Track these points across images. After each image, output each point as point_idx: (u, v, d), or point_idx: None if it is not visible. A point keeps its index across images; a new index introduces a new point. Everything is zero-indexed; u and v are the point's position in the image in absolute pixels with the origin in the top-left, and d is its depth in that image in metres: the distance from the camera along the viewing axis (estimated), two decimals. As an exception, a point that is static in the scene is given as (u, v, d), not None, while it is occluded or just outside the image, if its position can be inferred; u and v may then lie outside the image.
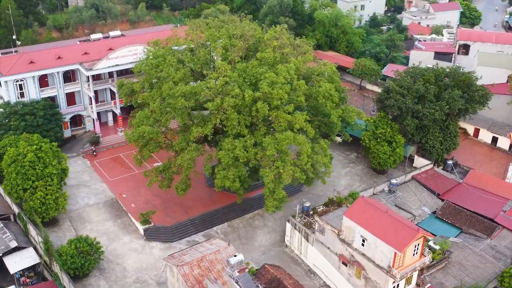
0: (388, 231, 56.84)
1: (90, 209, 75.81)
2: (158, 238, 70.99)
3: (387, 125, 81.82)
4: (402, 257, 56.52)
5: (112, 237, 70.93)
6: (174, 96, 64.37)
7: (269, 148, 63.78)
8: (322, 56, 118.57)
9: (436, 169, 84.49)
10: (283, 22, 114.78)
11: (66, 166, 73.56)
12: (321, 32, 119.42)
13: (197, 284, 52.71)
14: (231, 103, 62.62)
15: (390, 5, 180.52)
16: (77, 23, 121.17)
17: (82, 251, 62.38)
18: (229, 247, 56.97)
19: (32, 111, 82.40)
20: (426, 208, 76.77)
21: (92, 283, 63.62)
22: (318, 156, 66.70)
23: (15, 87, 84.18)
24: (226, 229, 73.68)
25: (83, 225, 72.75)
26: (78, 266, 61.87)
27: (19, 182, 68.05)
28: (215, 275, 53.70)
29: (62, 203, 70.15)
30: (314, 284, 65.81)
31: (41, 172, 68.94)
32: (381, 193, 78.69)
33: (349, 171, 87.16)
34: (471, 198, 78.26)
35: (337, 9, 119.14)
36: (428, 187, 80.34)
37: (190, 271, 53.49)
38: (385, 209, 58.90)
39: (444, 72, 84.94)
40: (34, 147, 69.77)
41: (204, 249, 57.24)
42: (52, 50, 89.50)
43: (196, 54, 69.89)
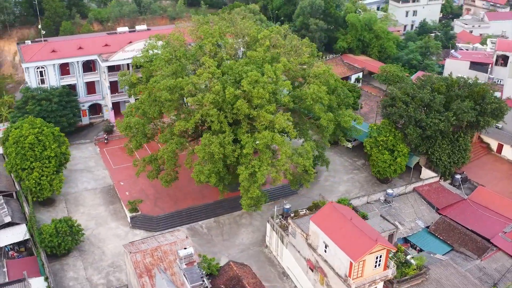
0: (348, 239, 55.35)
1: (87, 193, 79.12)
2: (143, 226, 72.94)
3: (390, 133, 79.26)
4: (360, 267, 54.81)
5: (100, 222, 73.67)
6: (158, 89, 65.91)
7: (247, 147, 63.94)
8: (351, 60, 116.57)
9: (442, 183, 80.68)
10: (313, 23, 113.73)
11: (67, 151, 77.24)
12: (353, 35, 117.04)
13: (146, 272, 53.82)
14: (210, 99, 63.28)
15: (446, 12, 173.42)
16: (118, 17, 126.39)
17: (60, 232, 65.31)
18: (187, 240, 57.67)
19: (48, 97, 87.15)
20: (420, 222, 73.64)
21: (69, 262, 66.47)
22: (300, 158, 65.86)
23: (36, 73, 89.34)
24: (211, 224, 74.39)
25: (77, 208, 76.08)
26: (55, 245, 64.89)
27: (18, 162, 72.32)
28: (165, 265, 54.57)
29: (57, 185, 73.71)
30: (285, 287, 65.08)
31: (39, 154, 72.89)
32: (376, 202, 76.31)
33: (351, 178, 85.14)
34: (472, 215, 74.25)
35: (371, 13, 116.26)
36: (428, 200, 77.02)
37: (142, 259, 54.69)
38: (350, 216, 57.27)
39: (457, 82, 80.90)
40: (36, 130, 73.90)
41: (163, 239, 58.26)
42: (74, 41, 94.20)
43: (188, 50, 71.08)
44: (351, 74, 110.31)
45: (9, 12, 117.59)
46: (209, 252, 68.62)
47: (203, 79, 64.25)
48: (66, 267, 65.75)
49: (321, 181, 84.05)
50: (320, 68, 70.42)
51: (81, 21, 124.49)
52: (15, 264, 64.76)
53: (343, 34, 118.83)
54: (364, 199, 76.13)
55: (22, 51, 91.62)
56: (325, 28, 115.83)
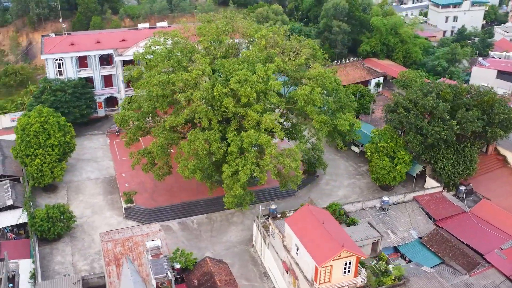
0: (316, 243, 54.74)
1: (89, 182, 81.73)
2: (135, 218, 74.60)
3: (392, 139, 77.40)
4: (327, 272, 54.03)
5: (96, 210, 75.94)
6: (151, 84, 67.29)
7: (232, 145, 64.28)
8: (374, 64, 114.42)
9: (444, 194, 77.96)
10: (336, 26, 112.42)
11: (72, 140, 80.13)
12: (378, 39, 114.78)
13: (115, 260, 55.14)
14: (198, 95, 64.01)
15: (490, 19, 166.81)
16: (148, 14, 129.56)
17: (51, 217, 67.84)
18: (159, 233, 58.65)
19: (63, 88, 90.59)
20: (414, 232, 71.55)
21: (59, 247, 68.95)
22: (287, 159, 65.45)
23: (54, 65, 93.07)
24: (202, 220, 75.14)
25: (77, 196, 78.76)
26: (45, 229, 67.47)
27: (22, 148, 75.68)
28: (134, 256, 55.71)
29: (58, 173, 76.57)
30: (264, 287, 64.89)
31: (43, 142, 75.99)
32: (371, 209, 74.75)
33: (352, 183, 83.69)
34: (470, 229, 71.48)
35: (396, 17, 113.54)
36: (426, 210, 74.70)
37: (113, 247, 56.07)
38: (322, 220, 56.48)
39: (466, 89, 77.95)
40: (42, 118, 77.05)
41: (138, 230, 59.48)
42: (93, 35, 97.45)
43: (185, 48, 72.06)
44: (371, 78, 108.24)
45: (44, 6, 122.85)
46: (195, 247, 69.63)
47: (193, 76, 65.00)
48: (55, 252, 68.24)
49: (321, 184, 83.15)
50: (316, 70, 69.63)
51: (113, 17, 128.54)
52: (8, 245, 67.81)
53: (368, 37, 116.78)
54: (359, 205, 74.70)
55: (44, 43, 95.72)
56: (349, 30, 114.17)
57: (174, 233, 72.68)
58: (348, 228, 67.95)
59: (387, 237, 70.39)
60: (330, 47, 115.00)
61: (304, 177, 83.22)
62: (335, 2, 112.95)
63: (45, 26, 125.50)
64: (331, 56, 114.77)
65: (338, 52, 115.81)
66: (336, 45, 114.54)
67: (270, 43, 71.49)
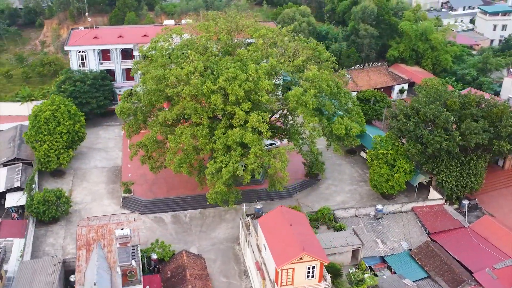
0: (279, 245, 54.45)
1: (95, 171, 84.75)
2: (131, 207, 76.55)
3: (393, 147, 75.34)
4: (288, 274, 53.56)
5: (96, 198, 78.64)
6: (147, 78, 69.04)
7: (218, 142, 64.91)
8: (401, 70, 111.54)
9: (446, 207, 75.02)
10: (362, 29, 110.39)
11: (82, 129, 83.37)
12: (406, 45, 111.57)
13: (86, 245, 57.19)
14: (187, 91, 65.07)
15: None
16: (184, 11, 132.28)
17: (47, 200, 70.95)
18: (134, 222, 60.17)
19: (83, 79, 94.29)
20: (405, 243, 69.43)
21: (54, 230, 71.98)
22: (273, 160, 65.28)
23: (78, 56, 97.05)
24: (195, 215, 76.10)
25: (81, 182, 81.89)
26: (40, 211, 70.64)
27: (33, 134, 79.61)
28: (106, 243, 57.51)
29: (64, 159, 79.92)
30: (241, 285, 64.96)
31: (53, 129, 79.59)
32: (364, 217, 73.25)
33: (353, 189, 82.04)
34: (464, 245, 68.68)
35: (427, 23, 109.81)
36: (422, 222, 72.22)
37: (87, 233, 58.18)
38: (290, 222, 55.99)
39: (475, 100, 74.58)
40: (54, 107, 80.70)
41: (115, 218, 61.32)
42: (117, 30, 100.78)
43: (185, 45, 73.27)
44: (395, 84, 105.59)
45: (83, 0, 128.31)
46: (182, 241, 70.80)
47: (185, 72, 66.10)
48: (49, 234, 71.34)
49: (321, 188, 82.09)
50: (311, 72, 68.90)
51: (149, 13, 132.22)
52: (7, 224, 71.46)
53: (398, 42, 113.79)
54: (352, 212, 73.38)
55: (72, 35, 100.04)
56: (377, 35, 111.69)
57: (165, 225, 74.09)
58: (330, 234, 67.12)
59: (375, 246, 68.78)
60: (357, 50, 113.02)
61: (306, 179, 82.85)
62: (364, 5, 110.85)
63: (84, 20, 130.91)
64: (356, 60, 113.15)
65: (365, 56, 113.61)
66: (362, 49, 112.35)
67: (268, 43, 71.37)
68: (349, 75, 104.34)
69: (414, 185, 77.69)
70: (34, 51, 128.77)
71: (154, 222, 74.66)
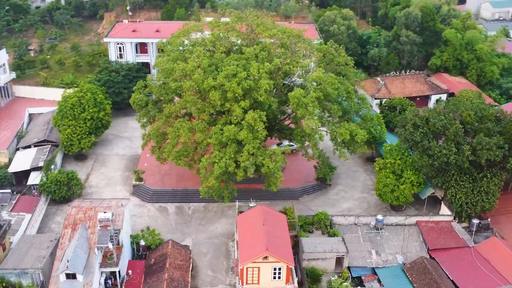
0: (247, 243, 54.71)
1: (115, 157, 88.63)
2: (139, 195, 79.53)
3: (402, 157, 72.86)
4: (254, 273, 53.73)
5: (110, 183, 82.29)
6: (157, 72, 71.48)
7: (213, 138, 66.03)
8: (442, 79, 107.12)
9: (453, 224, 71.54)
10: (404, 35, 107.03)
11: (106, 117, 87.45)
12: (450, 53, 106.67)
13: (73, 225, 60.19)
14: (188, 86, 66.67)
15: None
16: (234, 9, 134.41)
17: (59, 181, 75.25)
18: (121, 208, 62.40)
19: (118, 70, 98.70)
20: (400, 257, 67.01)
21: (63, 209, 75.82)
22: (267, 159, 65.37)
23: (116, 48, 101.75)
24: (198, 208, 77.61)
25: (100, 167, 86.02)
26: (51, 190, 75.11)
27: (59, 118, 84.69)
28: (91, 224, 60.22)
29: (85, 144, 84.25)
30: (226, 280, 65.63)
31: (78, 115, 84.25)
32: (364, 226, 71.50)
33: (363, 197, 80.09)
34: (463, 265, 65.30)
35: (474, 32, 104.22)
36: (424, 238, 69.37)
37: (75, 213, 61.24)
38: (263, 221, 55.96)
39: (493, 114, 70.37)
40: (81, 94, 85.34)
41: (106, 202, 64.03)
42: (156, 24, 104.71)
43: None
44: (432, 94, 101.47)
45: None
46: (179, 231, 72.69)
47: (189, 67, 67.70)
48: (58, 212, 75.61)
49: (330, 194, 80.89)
50: (315, 74, 68.20)
51: (200, 10, 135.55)
52: (22, 200, 76.54)
53: (442, 51, 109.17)
54: (351, 219, 71.86)
55: (114, 28, 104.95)
56: (419, 41, 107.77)
57: (168, 215, 76.22)
58: (317, 239, 66.36)
59: (368, 256, 66.92)
60: (398, 57, 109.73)
61: (316, 183, 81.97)
62: (407, 10, 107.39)
63: (139, 14, 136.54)
64: (396, 67, 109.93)
65: (406, 64, 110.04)
66: (403, 55, 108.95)
67: (276, 44, 71.43)
68: (382, 81, 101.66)
69: (422, 198, 74.65)
70: (90, 42, 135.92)
71: (158, 211, 77.01)
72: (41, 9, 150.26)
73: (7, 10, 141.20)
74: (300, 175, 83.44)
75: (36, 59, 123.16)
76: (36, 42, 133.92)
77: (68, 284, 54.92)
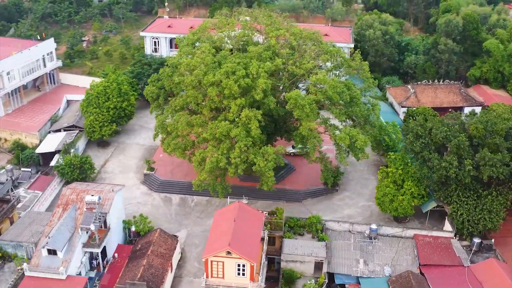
0: (214, 237, 55.53)
1: (135, 146, 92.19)
2: (147, 184, 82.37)
3: (405, 166, 70.64)
4: (219, 267, 54.51)
5: (124, 170, 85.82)
6: (167, 65, 73.92)
7: (208, 133, 67.41)
8: (480, 91, 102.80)
9: (453, 241, 68.45)
10: (442, 43, 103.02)
11: (130, 108, 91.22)
12: (491, 65, 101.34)
13: (65, 205, 63.65)
14: (188, 80, 68.46)
15: None
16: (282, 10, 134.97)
17: (72, 164, 79.53)
18: (111, 193, 65.13)
19: (150, 63, 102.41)
20: (388, 269, 65.08)
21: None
22: (258, 158, 65.78)
23: (151, 42, 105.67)
24: (200, 201, 79.17)
25: (119, 154, 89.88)
26: (65, 172, 79.51)
27: (84, 105, 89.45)
28: (80, 206, 63.38)
29: (105, 131, 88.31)
30: (208, 274, 66.76)
31: (102, 103, 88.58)
32: (358, 234, 70.13)
33: (367, 206, 78.23)
34: (452, 284, 62.46)
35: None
36: (418, 252, 66.97)
37: (69, 194, 64.71)
38: (234, 218, 56.50)
39: (504, 129, 66.49)
40: (107, 84, 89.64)
41: (101, 187, 67.09)
42: (191, 21, 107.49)
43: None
44: (465, 106, 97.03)
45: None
46: (176, 222, 74.74)
47: (193, 63, 69.45)
48: (70, 193, 79.90)
49: (335, 199, 79.73)
50: (317, 76, 67.68)
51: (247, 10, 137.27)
52: (41, 179, 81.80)
53: (483, 62, 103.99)
54: (346, 226, 70.69)
55: (153, 23, 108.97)
56: (458, 51, 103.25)
57: (170, 205, 78.44)
58: (300, 241, 66.19)
59: (354, 265, 65.61)
60: (435, 65, 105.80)
61: (322, 187, 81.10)
62: (448, 17, 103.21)
63: (189, 11, 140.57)
64: (433, 75, 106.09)
65: (444, 73, 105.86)
66: (441, 64, 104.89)
67: (281, 43, 71.57)
68: (412, 89, 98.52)
69: (423, 211, 71.95)
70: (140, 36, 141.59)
71: (163, 201, 79.43)
72: (103, 2, 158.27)
73: (71, 2, 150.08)
74: (308, 178, 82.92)
75: (87, 49, 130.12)
76: (92, 34, 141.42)
77: (49, 259, 58.37)
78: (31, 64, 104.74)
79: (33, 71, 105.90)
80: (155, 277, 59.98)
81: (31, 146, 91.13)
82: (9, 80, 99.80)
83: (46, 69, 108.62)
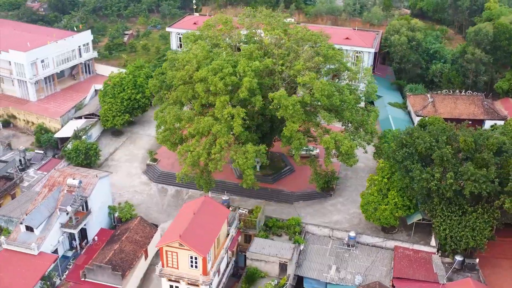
0: (171, 228, 56.98)
1: (146, 138, 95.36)
2: (148, 174, 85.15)
3: (391, 175, 68.75)
4: (173, 257, 55.90)
5: (130, 159, 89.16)
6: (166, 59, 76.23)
7: (193, 127, 69.00)
8: (508, 105, 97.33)
9: (434, 257, 65.97)
10: (470, 52, 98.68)
11: (144, 100, 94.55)
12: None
13: (51, 185, 67.33)
14: (179, 75, 70.31)
15: None
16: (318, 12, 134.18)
17: (78, 149, 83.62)
18: (96, 179, 68.09)
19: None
20: (359, 278, 64.06)
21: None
22: (239, 155, 66.48)
23: (176, 38, 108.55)
24: (194, 195, 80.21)
25: (129, 144, 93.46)
26: (71, 157, 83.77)
27: (101, 95, 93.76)
28: (64, 188, 66.76)
29: (118, 121, 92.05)
30: (185, 265, 68.29)
31: (117, 94, 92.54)
32: (337, 240, 69.40)
33: (357, 213, 76.22)
34: (421, 300, 60.29)
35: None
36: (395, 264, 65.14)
37: (57, 177, 68.36)
38: (194, 211, 57.59)
39: (497, 144, 63.02)
40: (124, 75, 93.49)
41: (87, 172, 70.26)
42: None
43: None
44: (486, 119, 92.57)
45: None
46: (165, 213, 76.94)
47: (187, 58, 71.18)
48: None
49: (326, 204, 78.55)
50: (304, 78, 67.32)
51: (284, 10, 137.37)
52: (52, 162, 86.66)
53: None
54: (326, 231, 70.07)
55: (182, 19, 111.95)
56: (487, 61, 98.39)
57: (164, 196, 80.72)
58: (269, 242, 66.51)
59: (325, 270, 64.95)
60: (462, 75, 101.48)
61: (316, 191, 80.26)
62: (478, 26, 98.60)
63: (228, 9, 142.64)
64: (460, 85, 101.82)
65: (472, 84, 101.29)
66: (468, 74, 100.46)
67: (273, 43, 71.74)
68: (431, 98, 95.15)
69: (408, 223, 69.66)
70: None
71: (158, 191, 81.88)
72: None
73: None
74: (306, 181, 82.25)
75: (127, 43, 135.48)
76: (136, 28, 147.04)
77: (26, 235, 62.18)
78: (66, 54, 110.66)
79: (68, 61, 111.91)
80: (124, 262, 62.22)
81: (53, 131, 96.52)
82: (43, 68, 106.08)
83: (81, 59, 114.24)
